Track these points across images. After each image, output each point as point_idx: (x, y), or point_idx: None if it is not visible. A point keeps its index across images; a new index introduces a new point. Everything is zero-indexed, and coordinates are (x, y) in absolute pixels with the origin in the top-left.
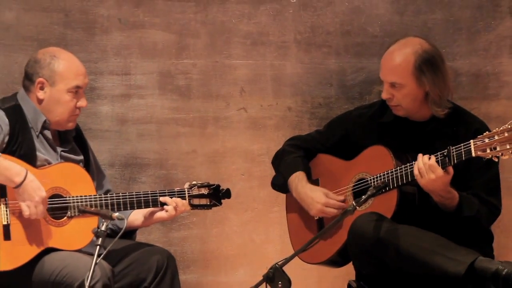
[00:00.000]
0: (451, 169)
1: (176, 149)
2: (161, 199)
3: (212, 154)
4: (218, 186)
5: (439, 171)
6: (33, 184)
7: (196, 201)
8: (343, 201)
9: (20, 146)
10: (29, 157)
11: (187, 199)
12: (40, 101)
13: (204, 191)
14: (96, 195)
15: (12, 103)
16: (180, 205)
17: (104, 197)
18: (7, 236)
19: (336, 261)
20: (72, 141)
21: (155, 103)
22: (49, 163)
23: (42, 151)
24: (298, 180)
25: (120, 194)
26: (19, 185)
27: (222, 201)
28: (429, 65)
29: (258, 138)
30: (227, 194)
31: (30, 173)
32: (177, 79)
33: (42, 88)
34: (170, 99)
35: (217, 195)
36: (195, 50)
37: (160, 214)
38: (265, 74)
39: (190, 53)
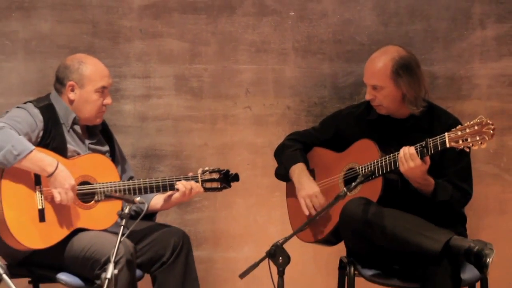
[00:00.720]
0: (427, 159)
1: (190, 142)
2: (178, 184)
3: (221, 146)
4: (228, 171)
5: (418, 160)
6: (64, 174)
7: (208, 185)
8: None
9: (53, 140)
10: (60, 149)
11: (200, 183)
12: (71, 101)
13: (215, 175)
14: (120, 182)
15: (45, 102)
16: (195, 187)
17: (127, 183)
18: (42, 219)
19: (329, 240)
20: (99, 134)
21: (171, 103)
22: (79, 154)
23: (72, 144)
24: (299, 170)
25: (141, 180)
26: (51, 174)
27: (232, 184)
28: (405, 70)
29: (261, 132)
30: (236, 177)
31: (61, 164)
32: (191, 81)
33: (72, 90)
34: (184, 99)
35: (226, 179)
36: (206, 56)
37: (177, 197)
38: (267, 77)
39: (202, 59)
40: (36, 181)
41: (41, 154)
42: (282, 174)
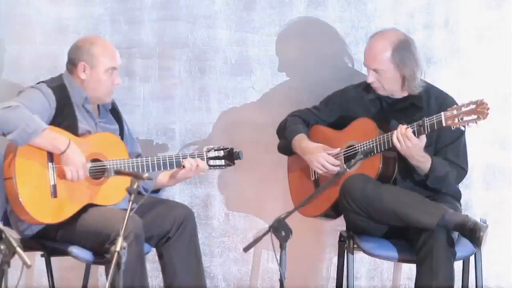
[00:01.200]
0: (424, 137)
1: (197, 121)
2: (184, 161)
3: (226, 125)
4: (232, 149)
5: (414, 138)
6: (75, 152)
7: (212, 162)
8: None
9: (65, 119)
10: (72, 128)
11: (205, 160)
12: (82, 81)
13: (220, 153)
14: (129, 159)
15: (58, 82)
16: (200, 164)
17: (136, 160)
18: (54, 194)
19: (329, 214)
20: (109, 113)
21: (179, 84)
22: (89, 132)
23: (83, 122)
24: (300, 139)
25: (149, 158)
26: (63, 152)
27: (236, 162)
28: (404, 53)
29: (265, 111)
30: (239, 156)
31: (73, 143)
32: (200, 65)
33: (84, 70)
34: (191, 80)
35: (231, 156)
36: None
37: (182, 174)
38: (271, 59)
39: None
40: (49, 158)
41: (54, 132)
42: (285, 147)
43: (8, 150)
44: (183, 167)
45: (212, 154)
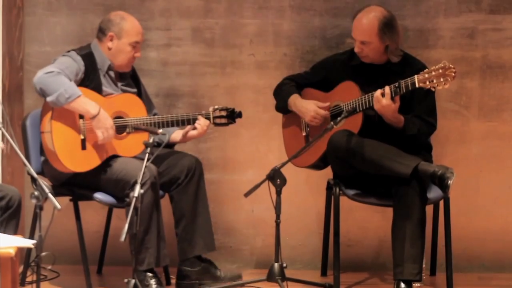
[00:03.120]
0: (397, 99)
1: (203, 84)
2: (196, 123)
3: (230, 87)
4: (233, 109)
5: (389, 99)
6: (104, 116)
7: (217, 120)
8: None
9: (91, 82)
10: (97, 90)
11: (211, 118)
12: (109, 49)
13: (223, 113)
14: (147, 117)
15: (87, 51)
16: (207, 123)
17: (153, 118)
18: (83, 147)
19: (318, 165)
20: (129, 78)
21: (188, 51)
22: (112, 94)
23: (107, 86)
24: (295, 98)
25: (164, 116)
26: (94, 117)
27: (237, 120)
28: (388, 27)
29: (263, 76)
30: (239, 115)
31: (102, 109)
32: (205, 33)
33: (111, 40)
34: (199, 47)
35: (232, 115)
36: (218, 12)
37: (192, 133)
38: (268, 30)
39: (214, 14)
40: (79, 115)
41: (87, 99)
42: (282, 106)
43: (45, 107)
44: (195, 128)
45: (218, 113)
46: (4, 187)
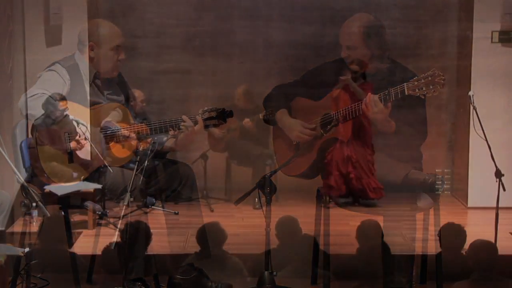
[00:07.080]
0: (389, 105)
1: (194, 91)
2: (183, 117)
3: (219, 95)
4: (223, 109)
5: (381, 105)
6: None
7: (208, 122)
8: (314, 128)
9: (77, 94)
10: (83, 101)
11: (200, 121)
12: (91, 59)
13: (213, 114)
14: (133, 125)
15: (71, 62)
16: (191, 124)
17: (141, 125)
18: (70, 160)
19: (308, 174)
20: (115, 86)
21: (179, 59)
22: (99, 103)
23: (93, 95)
24: (282, 114)
25: (152, 122)
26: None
27: (227, 120)
28: (374, 32)
29: (253, 84)
30: (231, 114)
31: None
32: (195, 41)
33: (92, 49)
34: (189, 55)
35: (223, 115)
36: (208, 20)
37: (182, 138)
38: (258, 38)
39: (204, 23)
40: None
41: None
42: (269, 119)
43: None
44: (181, 129)
45: (207, 115)
46: None
